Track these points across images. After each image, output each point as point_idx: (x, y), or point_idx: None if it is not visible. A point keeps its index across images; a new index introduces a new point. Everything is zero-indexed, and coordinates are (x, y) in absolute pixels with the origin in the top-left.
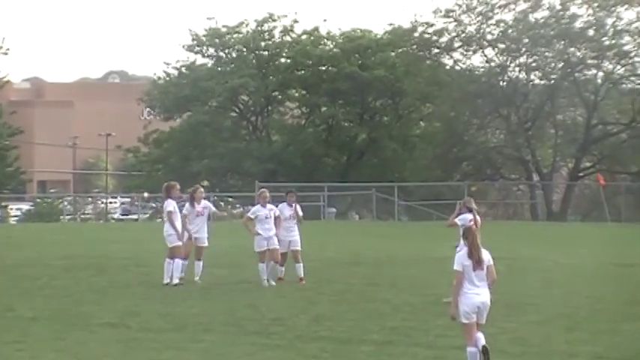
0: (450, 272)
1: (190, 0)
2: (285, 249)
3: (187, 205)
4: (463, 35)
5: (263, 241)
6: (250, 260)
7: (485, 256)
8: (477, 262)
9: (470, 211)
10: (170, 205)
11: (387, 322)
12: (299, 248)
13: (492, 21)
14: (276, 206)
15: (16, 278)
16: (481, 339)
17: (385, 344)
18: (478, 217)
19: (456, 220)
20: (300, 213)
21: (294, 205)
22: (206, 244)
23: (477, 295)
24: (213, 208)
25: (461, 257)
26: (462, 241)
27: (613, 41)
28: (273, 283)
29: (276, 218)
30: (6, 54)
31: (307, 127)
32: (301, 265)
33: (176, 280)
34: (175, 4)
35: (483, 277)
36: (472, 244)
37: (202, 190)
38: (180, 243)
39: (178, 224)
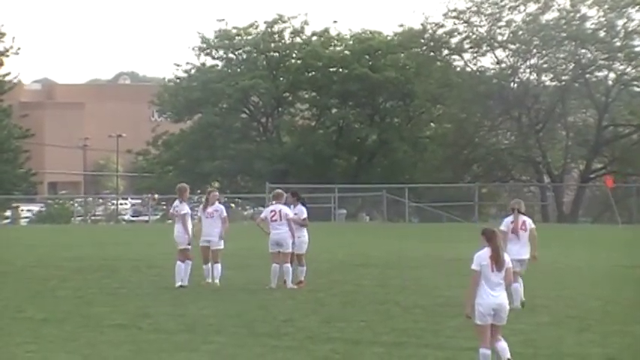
0: (460, 274)
1: (200, 1)
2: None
3: (201, 207)
4: (473, 37)
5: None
6: (259, 262)
7: (506, 258)
8: (497, 264)
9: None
10: (185, 207)
11: (397, 323)
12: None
13: (502, 22)
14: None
15: (27, 280)
16: (506, 350)
17: (396, 346)
18: (524, 219)
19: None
20: (304, 215)
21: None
22: (220, 246)
23: (493, 296)
24: (224, 214)
25: (480, 257)
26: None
27: (624, 42)
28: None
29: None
30: (17, 53)
31: (318, 128)
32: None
33: (179, 283)
34: (185, 5)
35: (501, 279)
36: (496, 246)
37: (217, 193)
38: (189, 246)
39: (189, 227)
